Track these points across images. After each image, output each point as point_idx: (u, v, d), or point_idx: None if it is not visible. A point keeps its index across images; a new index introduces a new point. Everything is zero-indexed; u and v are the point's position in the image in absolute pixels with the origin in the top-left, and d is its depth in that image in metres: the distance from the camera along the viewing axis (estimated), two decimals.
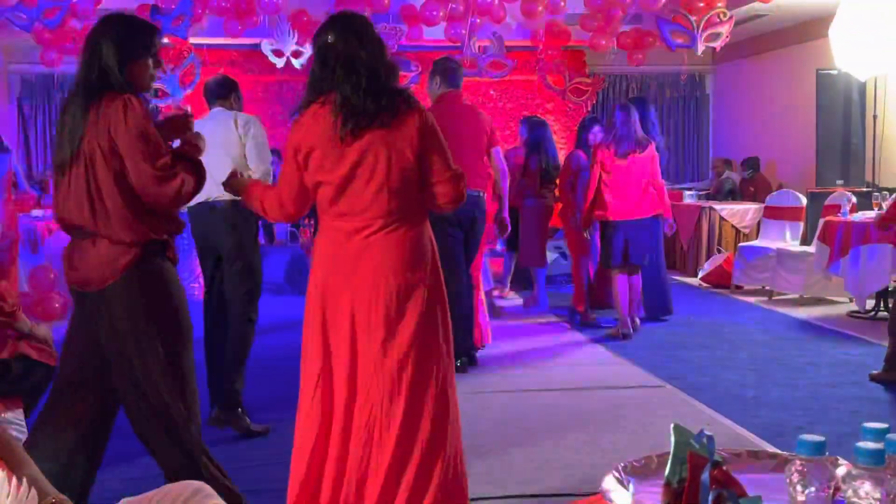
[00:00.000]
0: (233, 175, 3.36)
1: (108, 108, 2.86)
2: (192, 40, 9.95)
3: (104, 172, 2.96)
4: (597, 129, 7.65)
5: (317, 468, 2.75)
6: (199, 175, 3.05)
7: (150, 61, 3.05)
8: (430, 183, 2.83)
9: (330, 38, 2.92)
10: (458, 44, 10.16)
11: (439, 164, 2.82)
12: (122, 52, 2.94)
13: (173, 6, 8.04)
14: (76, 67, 3.14)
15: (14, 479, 1.16)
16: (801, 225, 9.11)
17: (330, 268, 2.90)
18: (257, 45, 10.10)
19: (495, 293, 8.66)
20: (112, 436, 3.58)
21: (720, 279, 9.22)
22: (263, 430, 4.74)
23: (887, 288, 7.05)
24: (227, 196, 4.40)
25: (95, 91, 2.90)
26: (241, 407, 4.65)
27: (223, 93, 4.73)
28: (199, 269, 5.68)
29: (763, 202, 9.79)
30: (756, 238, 9.54)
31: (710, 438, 1.39)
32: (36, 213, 8.40)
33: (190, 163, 3.05)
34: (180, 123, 3.32)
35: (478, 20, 9.52)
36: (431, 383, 2.85)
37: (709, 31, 8.75)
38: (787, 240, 9.00)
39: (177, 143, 3.38)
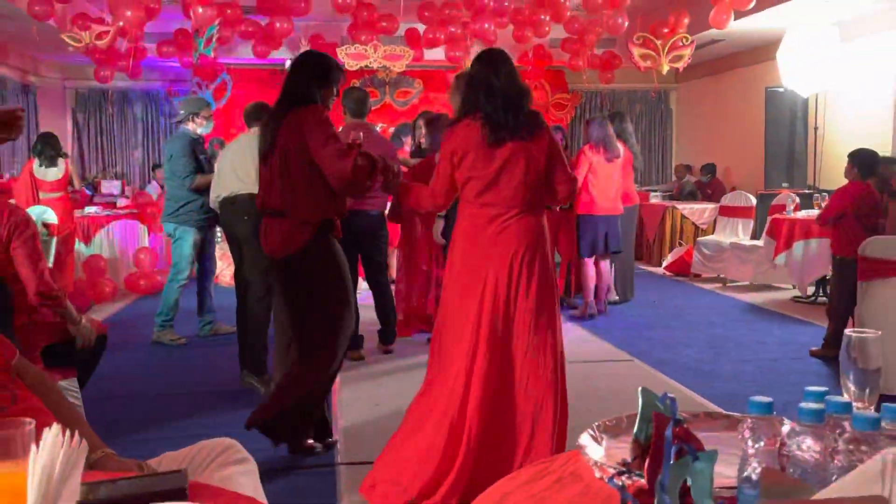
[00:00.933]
0: (389, 176, 3.58)
1: (301, 113, 3.33)
2: (224, 60, 10.00)
3: (296, 164, 3.38)
4: (559, 136, 7.58)
5: (462, 418, 2.92)
6: (372, 163, 3.37)
7: (334, 89, 3.58)
8: (553, 182, 3.21)
9: (473, 70, 3.35)
10: (457, 64, 10.13)
11: (561, 170, 3.21)
12: (320, 80, 3.49)
13: (204, 28, 8.03)
14: (284, 84, 3.62)
15: (68, 432, 1.13)
16: (752, 222, 9.13)
17: (471, 245, 3.22)
18: (282, 64, 10.18)
19: None
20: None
21: (681, 269, 9.25)
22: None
23: (825, 277, 7.10)
24: (244, 190, 4.72)
25: (293, 103, 3.38)
26: (266, 372, 4.67)
27: (259, 116, 4.87)
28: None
29: (719, 202, 9.88)
30: (712, 233, 9.55)
31: (673, 400, 1.36)
32: (89, 209, 8.42)
33: (363, 154, 3.39)
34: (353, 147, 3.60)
35: (473, 44, 9.52)
36: (555, 326, 3.18)
37: (673, 54, 8.72)
38: (739, 235, 9.03)
39: None
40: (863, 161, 5.70)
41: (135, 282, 7.96)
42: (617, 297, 7.56)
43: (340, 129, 5.36)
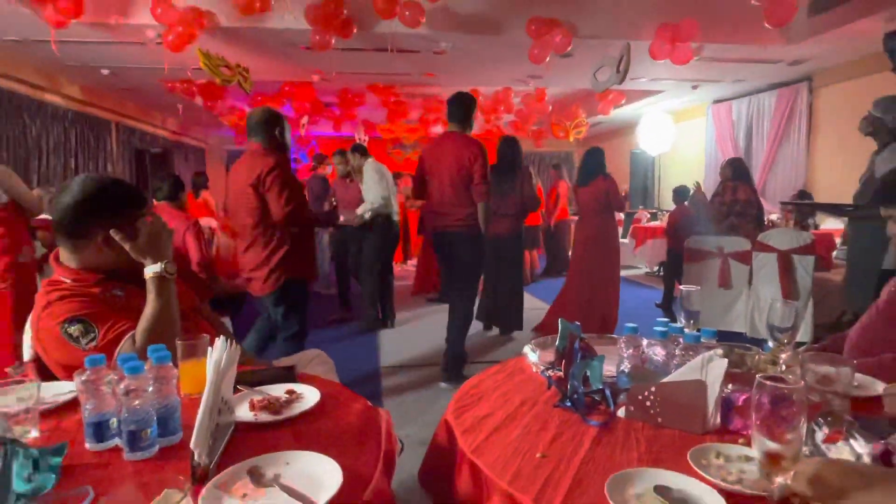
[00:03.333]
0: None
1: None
2: (314, 133, 10.06)
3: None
4: None
5: None
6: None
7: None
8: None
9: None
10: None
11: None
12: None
13: (294, 114, 7.70)
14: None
15: (229, 342, 1.07)
16: (621, 228, 8.87)
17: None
18: (349, 136, 10.06)
19: None
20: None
21: None
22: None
23: (662, 261, 6.78)
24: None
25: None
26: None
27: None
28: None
29: None
30: None
31: (579, 326, 1.35)
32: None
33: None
34: None
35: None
36: None
37: (576, 129, 8.55)
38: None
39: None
40: (680, 193, 5.96)
41: None
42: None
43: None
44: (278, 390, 1.31)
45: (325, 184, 6.33)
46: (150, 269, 1.43)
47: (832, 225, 6.03)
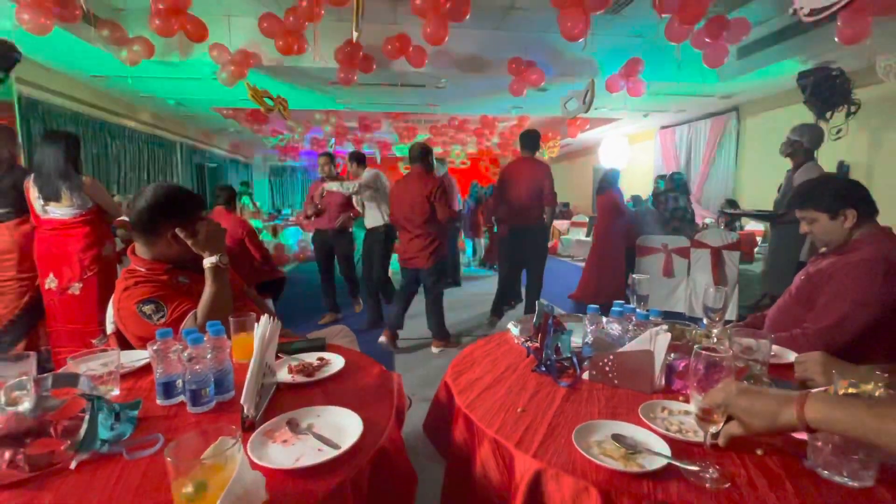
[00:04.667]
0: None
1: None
2: (339, 151, 9.76)
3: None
4: None
5: None
6: None
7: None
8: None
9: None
10: (445, 152, 9.67)
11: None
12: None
13: (328, 139, 7.76)
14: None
15: (272, 319, 1.05)
16: (585, 228, 9.17)
17: None
18: (369, 151, 9.92)
19: None
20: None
21: (552, 252, 8.52)
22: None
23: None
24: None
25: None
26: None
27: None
28: None
29: (570, 219, 9.81)
30: (567, 234, 9.25)
31: (552, 306, 1.33)
32: (276, 221, 8.20)
33: None
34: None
35: (454, 145, 9.10)
36: None
37: (551, 148, 8.80)
38: (580, 235, 9.00)
39: None
40: (633, 202, 6.20)
41: (297, 255, 7.79)
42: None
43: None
44: (311, 357, 1.30)
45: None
46: (208, 261, 1.43)
47: (754, 226, 6.06)
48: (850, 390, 0.80)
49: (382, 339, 3.42)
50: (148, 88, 5.69)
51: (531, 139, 3.75)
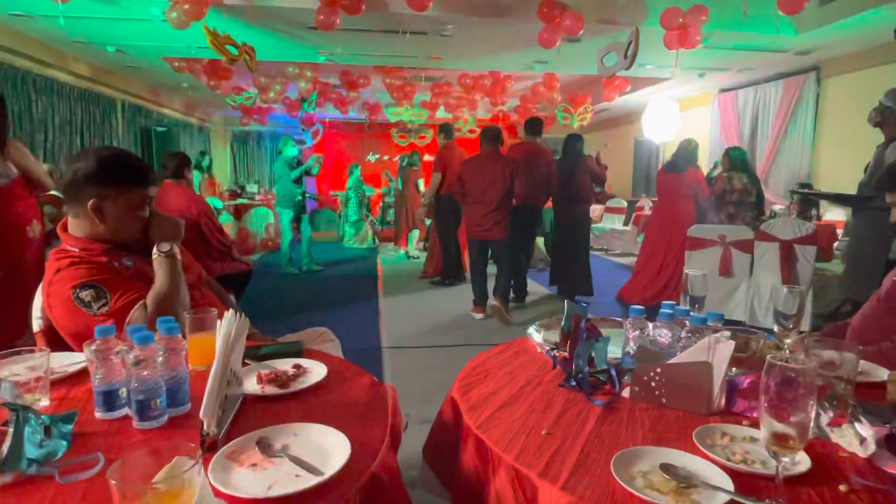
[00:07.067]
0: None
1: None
2: (319, 115, 9.73)
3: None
4: None
5: None
6: None
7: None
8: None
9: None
10: (456, 117, 9.87)
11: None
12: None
13: (308, 95, 7.78)
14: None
15: (238, 314, 1.06)
16: (623, 216, 9.31)
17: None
18: (357, 119, 10.13)
19: None
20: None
21: None
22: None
23: None
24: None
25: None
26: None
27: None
28: None
29: (605, 203, 9.84)
30: (600, 222, 9.46)
31: (585, 307, 1.31)
32: (240, 200, 8.58)
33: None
34: None
35: (464, 109, 9.43)
36: None
37: (581, 115, 8.71)
38: (616, 224, 9.18)
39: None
40: None
41: (265, 242, 8.15)
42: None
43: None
44: (285, 364, 1.31)
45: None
46: (161, 249, 1.45)
47: (834, 216, 6.01)
48: None
49: (492, 305, 4.60)
50: (83, 31, 5.68)
51: (538, 125, 4.88)
